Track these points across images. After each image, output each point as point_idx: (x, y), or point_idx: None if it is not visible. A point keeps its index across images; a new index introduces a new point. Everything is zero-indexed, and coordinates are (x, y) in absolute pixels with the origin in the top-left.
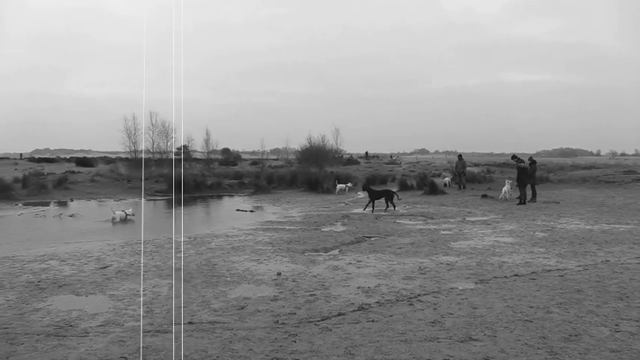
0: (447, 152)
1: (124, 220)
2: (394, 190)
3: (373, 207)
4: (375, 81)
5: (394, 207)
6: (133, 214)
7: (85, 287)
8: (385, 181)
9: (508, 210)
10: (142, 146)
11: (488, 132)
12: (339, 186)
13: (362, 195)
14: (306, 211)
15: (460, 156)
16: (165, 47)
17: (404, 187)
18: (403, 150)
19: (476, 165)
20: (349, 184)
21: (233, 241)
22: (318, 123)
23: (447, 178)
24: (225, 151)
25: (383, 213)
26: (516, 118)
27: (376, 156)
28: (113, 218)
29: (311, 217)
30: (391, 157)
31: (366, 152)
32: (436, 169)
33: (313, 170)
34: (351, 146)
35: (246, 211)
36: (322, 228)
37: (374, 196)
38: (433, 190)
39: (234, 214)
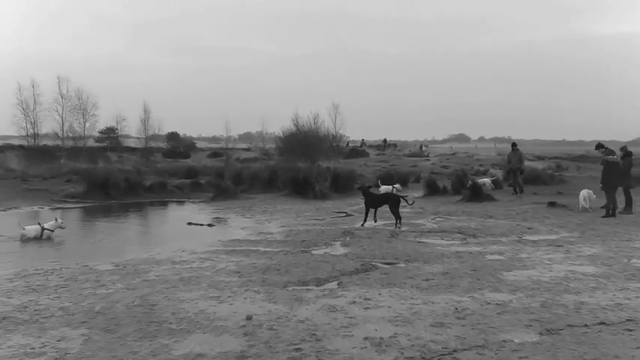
0: (496, 139)
1: (41, 237)
2: (403, 193)
3: (375, 217)
4: (397, 32)
5: (399, 221)
6: (62, 226)
7: None
8: (405, 181)
9: (588, 225)
10: (46, 128)
11: (559, 110)
12: (383, 188)
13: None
14: (291, 224)
15: (515, 145)
16: None
17: (432, 190)
18: (432, 136)
19: (539, 158)
20: (397, 185)
21: (182, 270)
22: (309, 97)
23: (486, 180)
24: (173, 136)
25: (403, 229)
26: (603, 91)
27: (393, 145)
28: (23, 235)
29: (297, 233)
30: (422, 147)
31: (384, 140)
32: (480, 165)
33: (301, 165)
34: (358, 131)
35: (202, 225)
36: (313, 250)
37: (370, 204)
38: (476, 195)
39: (184, 230)
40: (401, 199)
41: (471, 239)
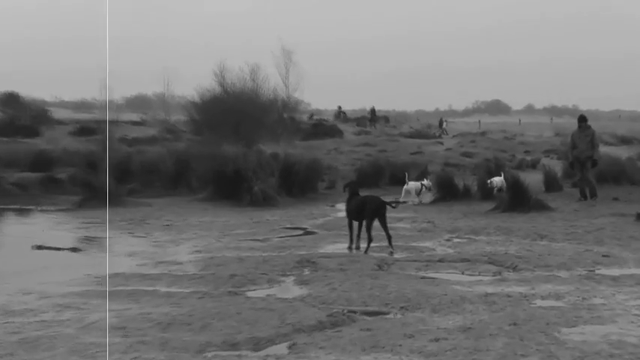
0: (552, 110)
1: None
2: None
3: (368, 239)
4: None
5: (389, 239)
6: None
7: None
8: (397, 177)
9: None
10: None
11: None
12: (410, 185)
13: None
14: (212, 248)
15: (584, 120)
16: None
17: (448, 192)
18: (449, 104)
19: (624, 141)
20: (426, 182)
21: (26, 326)
22: (248, 35)
23: (497, 180)
24: (9, 100)
25: (398, 256)
26: None
27: (384, 117)
28: None
29: (223, 263)
30: (442, 123)
31: (372, 110)
32: (526, 151)
33: (230, 151)
34: (329, 95)
35: (61, 249)
36: (249, 290)
37: (353, 214)
38: (518, 200)
39: (30, 258)
40: (386, 205)
41: (510, 274)
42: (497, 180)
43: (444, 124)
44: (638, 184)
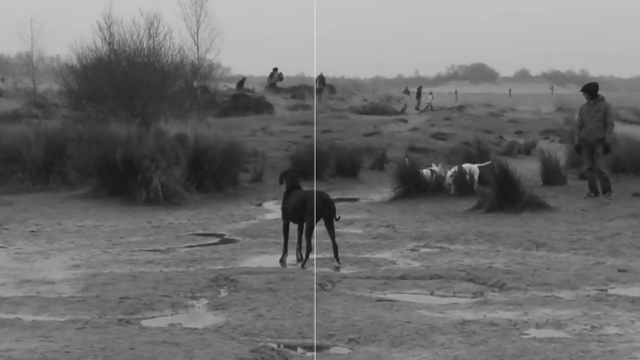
0: (553, 76)
1: None
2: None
3: (307, 248)
4: None
5: (335, 250)
6: None
7: None
8: (355, 166)
9: None
10: None
11: None
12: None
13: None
14: (95, 262)
15: (594, 91)
16: None
17: (413, 186)
18: (416, 69)
19: None
20: (437, 167)
21: None
22: None
23: (436, 169)
24: None
25: (346, 271)
26: None
27: (329, 87)
28: None
29: (110, 282)
30: (420, 93)
31: (321, 77)
32: (518, 131)
33: (120, 131)
34: (255, 60)
35: None
36: (145, 318)
37: (290, 214)
38: (506, 197)
39: None
40: (330, 209)
41: (496, 295)
42: (435, 169)
43: (430, 97)
44: None
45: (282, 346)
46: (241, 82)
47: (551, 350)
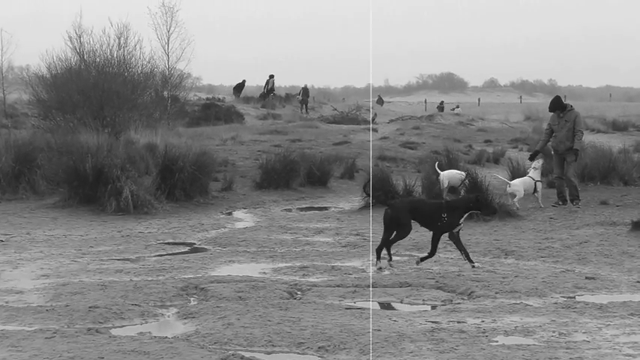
0: (522, 86)
1: None
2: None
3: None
4: None
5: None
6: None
7: None
8: (325, 174)
9: None
10: None
11: None
12: (443, 174)
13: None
14: (65, 271)
15: (559, 105)
16: None
17: (382, 195)
18: (386, 79)
19: (616, 128)
20: (462, 174)
21: None
22: None
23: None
24: None
25: (315, 279)
26: None
27: (301, 93)
28: None
29: (80, 291)
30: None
31: (304, 89)
32: (487, 140)
33: (89, 140)
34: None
35: None
36: (115, 327)
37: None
38: (477, 205)
39: None
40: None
41: (465, 302)
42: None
43: (457, 108)
44: (633, 184)
45: (252, 354)
46: (240, 86)
47: (520, 357)
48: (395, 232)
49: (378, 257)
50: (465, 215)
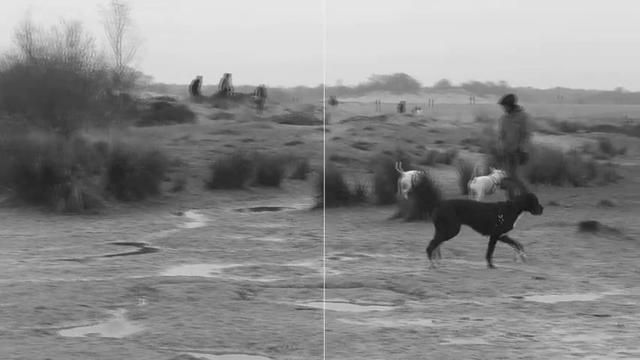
0: (474, 87)
1: None
2: None
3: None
4: None
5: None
6: None
7: None
8: (276, 175)
9: None
10: None
11: (606, 35)
12: (404, 178)
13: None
14: (13, 272)
15: (511, 102)
16: None
17: (334, 196)
18: (338, 79)
19: (566, 130)
20: (417, 173)
21: None
22: None
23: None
24: None
25: (266, 280)
26: None
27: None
28: None
29: (28, 291)
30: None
31: (260, 90)
32: (438, 142)
33: (38, 139)
34: (177, 68)
35: None
36: (63, 329)
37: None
38: (427, 206)
39: None
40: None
41: (416, 303)
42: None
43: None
44: (582, 185)
45: (202, 354)
46: (196, 84)
47: (469, 357)
48: (444, 232)
49: (430, 256)
50: (519, 216)
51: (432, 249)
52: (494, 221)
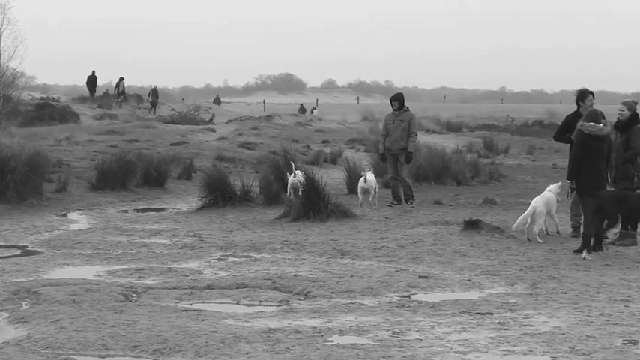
0: (359, 86)
1: None
2: None
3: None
4: None
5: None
6: None
7: None
8: (162, 176)
9: (545, 269)
10: None
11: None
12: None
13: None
14: None
15: (398, 100)
16: None
17: (219, 195)
18: (225, 79)
19: (450, 129)
20: (367, 172)
21: None
22: None
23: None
24: None
25: (151, 281)
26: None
27: (135, 96)
28: None
29: None
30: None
31: (153, 90)
32: (324, 141)
33: None
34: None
35: None
36: None
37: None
38: (312, 206)
39: None
40: None
41: (301, 303)
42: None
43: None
44: (466, 184)
45: (83, 357)
46: (92, 80)
47: (354, 356)
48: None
49: (588, 249)
50: None
51: (589, 240)
52: None
